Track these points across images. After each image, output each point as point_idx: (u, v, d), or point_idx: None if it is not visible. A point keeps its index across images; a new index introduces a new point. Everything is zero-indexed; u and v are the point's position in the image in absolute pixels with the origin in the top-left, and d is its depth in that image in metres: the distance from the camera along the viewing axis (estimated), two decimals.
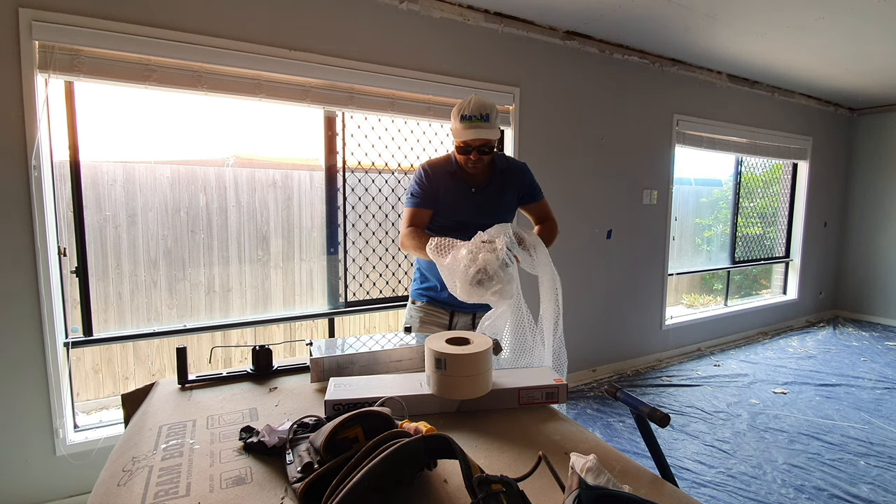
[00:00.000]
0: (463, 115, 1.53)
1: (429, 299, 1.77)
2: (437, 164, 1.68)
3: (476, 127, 1.51)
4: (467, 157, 1.58)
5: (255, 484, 0.75)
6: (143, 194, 2.25)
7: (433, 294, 1.76)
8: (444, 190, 1.64)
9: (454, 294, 1.28)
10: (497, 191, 1.69)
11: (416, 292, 1.82)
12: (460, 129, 1.54)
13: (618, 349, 3.83)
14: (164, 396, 1.10)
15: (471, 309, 1.74)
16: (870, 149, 5.43)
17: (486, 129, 1.52)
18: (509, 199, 1.73)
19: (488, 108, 1.53)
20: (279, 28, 2.29)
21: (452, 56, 2.79)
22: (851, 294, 5.65)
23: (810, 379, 3.64)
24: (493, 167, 1.69)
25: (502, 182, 1.69)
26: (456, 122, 1.56)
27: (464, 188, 1.66)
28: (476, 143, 1.55)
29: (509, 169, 1.72)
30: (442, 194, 1.64)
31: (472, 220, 1.63)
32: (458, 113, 1.55)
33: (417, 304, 1.80)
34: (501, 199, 1.70)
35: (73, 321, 2.13)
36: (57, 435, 2.01)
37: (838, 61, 3.75)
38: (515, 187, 1.73)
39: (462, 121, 1.53)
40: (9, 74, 1.83)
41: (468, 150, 1.57)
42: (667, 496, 0.75)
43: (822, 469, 2.40)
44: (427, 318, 1.76)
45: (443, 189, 1.64)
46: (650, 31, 3.17)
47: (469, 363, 0.97)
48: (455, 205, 1.65)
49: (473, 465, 0.63)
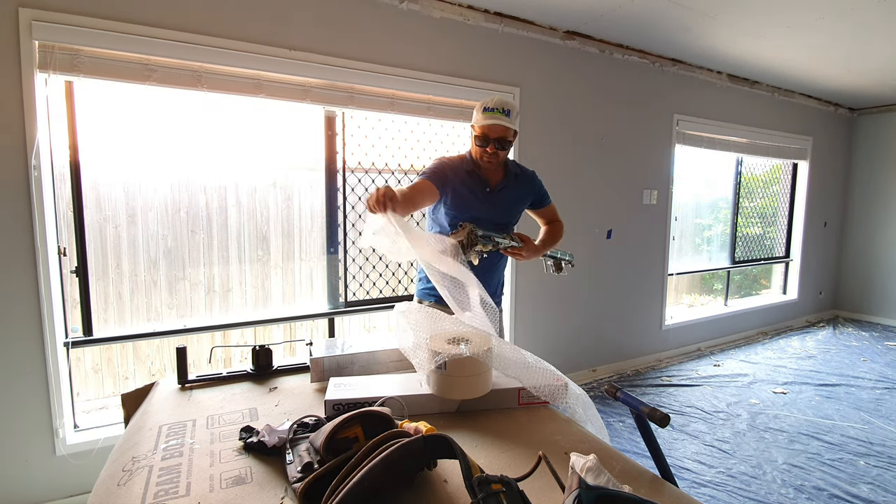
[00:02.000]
0: (486, 107, 1.62)
1: (436, 299, 1.77)
2: (454, 160, 1.75)
3: (496, 118, 1.59)
4: (484, 150, 1.64)
5: (255, 484, 0.75)
6: (143, 194, 2.25)
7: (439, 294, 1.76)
8: (461, 185, 1.69)
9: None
10: (511, 193, 1.76)
11: (421, 292, 1.83)
12: (481, 119, 1.62)
13: (618, 349, 3.83)
14: (164, 396, 1.10)
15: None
16: (870, 149, 5.43)
17: (506, 121, 1.60)
18: (522, 204, 1.81)
19: (510, 105, 1.63)
20: (279, 28, 2.29)
21: (452, 56, 2.79)
22: (851, 294, 5.65)
23: (810, 379, 3.64)
24: (507, 170, 1.76)
25: (516, 186, 1.77)
26: (478, 114, 1.64)
27: (480, 186, 1.71)
28: (495, 132, 1.61)
29: (522, 175, 1.80)
30: (457, 188, 1.68)
31: (485, 217, 1.67)
32: (481, 106, 1.64)
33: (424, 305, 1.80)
34: (515, 202, 1.77)
35: (73, 321, 2.13)
36: (57, 435, 2.01)
37: (838, 61, 3.75)
38: (528, 193, 1.81)
39: (484, 112, 1.62)
40: (9, 74, 1.83)
41: (486, 142, 1.63)
42: (667, 496, 0.75)
43: (821, 469, 2.40)
44: None
45: (458, 183, 1.68)
46: (650, 31, 3.17)
47: (469, 363, 0.97)
48: (471, 201, 1.69)
49: (473, 465, 0.63)
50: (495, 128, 1.60)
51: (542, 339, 3.37)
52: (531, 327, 3.30)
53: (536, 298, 3.30)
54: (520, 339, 3.26)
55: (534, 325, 3.31)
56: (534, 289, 3.28)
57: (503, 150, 1.65)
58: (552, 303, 3.39)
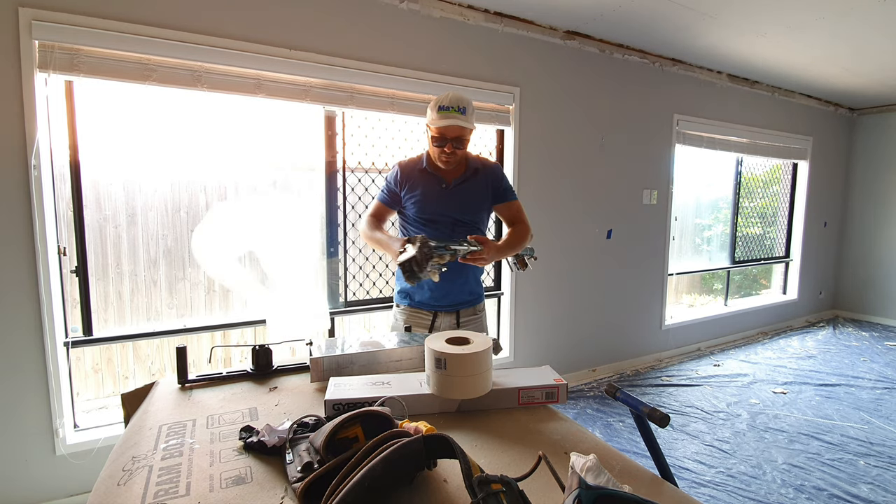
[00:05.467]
0: (440, 105, 1.56)
1: (410, 302, 1.77)
2: (410, 162, 1.73)
3: (452, 117, 1.54)
4: (441, 150, 1.59)
5: (254, 483, 0.75)
6: (143, 194, 2.25)
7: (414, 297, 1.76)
8: (415, 186, 1.67)
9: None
10: (469, 188, 1.71)
11: (398, 295, 1.82)
12: (436, 118, 1.56)
13: (618, 349, 3.83)
14: (164, 396, 1.10)
15: (452, 308, 1.75)
16: (870, 149, 5.43)
17: (462, 121, 1.55)
18: (482, 198, 1.74)
19: (465, 102, 1.56)
20: (279, 28, 2.29)
21: (452, 56, 2.79)
22: (851, 294, 5.65)
23: (810, 379, 3.64)
24: (467, 166, 1.71)
25: (475, 180, 1.72)
26: (433, 113, 1.58)
27: (435, 184, 1.68)
28: (451, 133, 1.57)
29: (483, 168, 1.74)
30: (411, 190, 1.67)
31: (443, 215, 1.66)
32: (436, 105, 1.57)
33: (401, 308, 1.80)
34: (474, 197, 1.72)
35: (73, 321, 2.13)
36: (57, 434, 2.01)
37: (838, 61, 3.75)
38: (488, 186, 1.74)
39: (439, 111, 1.55)
40: (9, 74, 1.83)
41: (443, 142, 1.58)
42: (667, 496, 0.75)
43: (821, 469, 2.40)
44: (410, 321, 1.76)
45: (413, 186, 1.67)
46: (650, 31, 3.17)
47: (469, 363, 0.97)
48: (425, 200, 1.67)
49: (473, 465, 0.63)
50: (452, 128, 1.55)
51: (542, 339, 3.37)
52: (531, 327, 3.30)
53: (536, 298, 3.30)
54: (520, 339, 3.26)
55: (534, 325, 3.31)
56: (534, 289, 3.28)
57: (461, 149, 1.61)
58: (552, 303, 3.38)
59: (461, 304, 1.76)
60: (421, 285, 1.71)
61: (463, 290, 1.75)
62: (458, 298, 1.75)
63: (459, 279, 1.72)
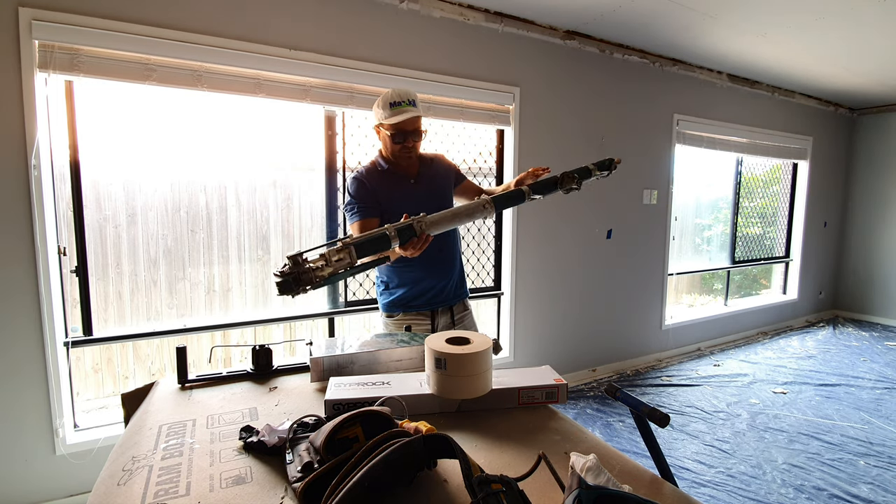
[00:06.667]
0: (392, 102, 1.56)
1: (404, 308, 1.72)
2: (367, 171, 1.70)
3: (407, 111, 1.56)
4: (402, 146, 1.61)
5: (254, 483, 0.75)
6: (143, 193, 2.25)
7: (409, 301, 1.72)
8: (385, 190, 1.66)
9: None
10: (434, 176, 1.75)
11: (387, 305, 1.76)
12: (392, 115, 1.56)
13: (618, 349, 3.83)
14: (164, 396, 1.10)
15: (447, 303, 1.75)
16: (870, 149, 5.43)
17: (416, 112, 1.58)
18: (447, 183, 1.80)
19: (412, 94, 1.60)
20: (279, 28, 2.29)
21: (452, 56, 2.79)
22: (851, 294, 5.65)
23: (810, 379, 3.64)
24: (421, 159, 1.75)
25: (434, 168, 1.76)
26: (385, 111, 1.57)
27: (404, 182, 1.69)
28: (410, 125, 1.59)
29: (434, 158, 1.80)
30: (383, 195, 1.65)
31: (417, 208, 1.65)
32: (385, 103, 1.57)
33: (396, 317, 1.75)
34: (441, 184, 1.77)
35: (73, 321, 2.13)
36: (57, 434, 2.01)
37: (838, 61, 3.75)
38: (449, 171, 1.82)
39: (392, 107, 1.56)
40: (9, 74, 1.83)
41: (404, 136, 1.60)
42: (666, 496, 0.75)
43: (821, 469, 2.40)
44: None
45: (383, 190, 1.66)
46: (650, 31, 3.17)
47: (469, 363, 0.97)
48: (403, 199, 1.66)
49: (473, 464, 0.63)
50: (410, 120, 1.58)
51: (542, 339, 3.37)
52: (531, 327, 3.30)
53: (536, 298, 3.30)
54: (520, 339, 3.26)
55: (534, 325, 3.31)
56: (534, 289, 3.28)
57: (419, 141, 1.64)
58: (552, 303, 3.39)
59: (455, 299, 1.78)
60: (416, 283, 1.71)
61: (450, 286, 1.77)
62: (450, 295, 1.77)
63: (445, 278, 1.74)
